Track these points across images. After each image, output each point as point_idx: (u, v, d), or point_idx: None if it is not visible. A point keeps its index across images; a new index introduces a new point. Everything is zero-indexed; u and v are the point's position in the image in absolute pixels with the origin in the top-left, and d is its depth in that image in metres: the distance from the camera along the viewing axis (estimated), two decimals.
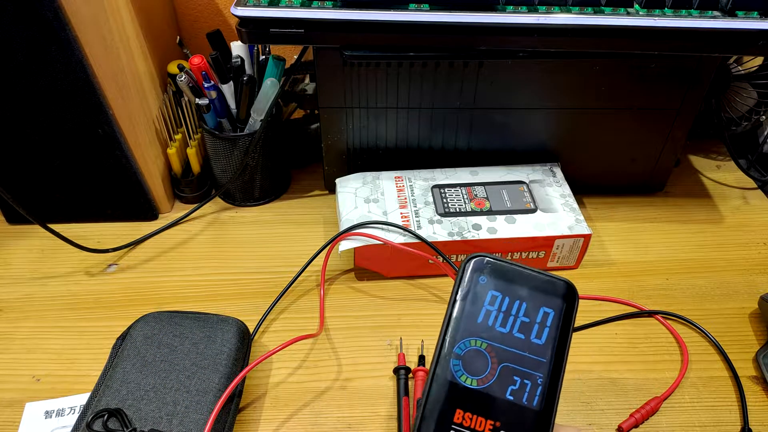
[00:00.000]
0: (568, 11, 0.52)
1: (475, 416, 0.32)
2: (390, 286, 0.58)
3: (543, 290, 0.34)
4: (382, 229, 0.56)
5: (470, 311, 0.34)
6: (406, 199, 0.59)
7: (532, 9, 0.52)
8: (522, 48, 0.54)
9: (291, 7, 0.51)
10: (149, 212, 0.64)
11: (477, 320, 0.33)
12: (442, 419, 0.32)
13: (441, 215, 0.57)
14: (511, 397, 0.32)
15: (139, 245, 0.62)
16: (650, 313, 0.55)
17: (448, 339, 0.33)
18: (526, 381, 0.33)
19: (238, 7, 0.51)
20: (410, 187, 0.60)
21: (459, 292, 0.34)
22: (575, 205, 0.59)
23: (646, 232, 0.64)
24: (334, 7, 0.51)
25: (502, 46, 0.53)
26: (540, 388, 0.33)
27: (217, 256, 0.61)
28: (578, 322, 0.54)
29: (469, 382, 0.33)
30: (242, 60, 0.60)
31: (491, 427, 0.32)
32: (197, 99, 0.59)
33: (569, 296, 0.34)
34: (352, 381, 0.50)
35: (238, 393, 0.46)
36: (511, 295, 0.34)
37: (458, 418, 0.32)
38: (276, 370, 0.51)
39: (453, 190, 0.60)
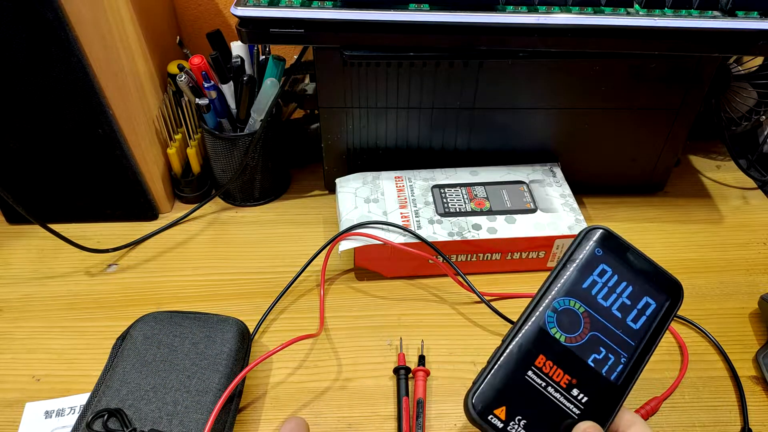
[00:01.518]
0: (568, 11, 0.52)
1: (555, 366, 0.34)
2: (390, 286, 0.58)
3: (652, 281, 0.36)
4: (382, 229, 0.56)
5: (578, 275, 0.35)
6: (406, 199, 0.59)
7: (532, 9, 0.52)
8: (522, 48, 0.54)
9: (291, 7, 0.51)
10: (149, 212, 0.64)
11: (582, 285, 0.35)
12: (525, 358, 0.34)
13: (441, 215, 0.57)
14: (592, 364, 0.34)
15: (139, 245, 0.62)
16: None
17: (550, 292, 0.35)
18: (610, 355, 0.34)
19: (238, 7, 0.51)
20: (410, 187, 0.60)
21: (573, 254, 0.36)
22: (575, 205, 0.59)
23: (646, 232, 0.64)
24: (334, 7, 0.51)
25: (502, 46, 0.53)
26: (621, 366, 0.34)
27: (217, 256, 0.61)
28: None
29: (558, 336, 0.34)
30: (242, 60, 0.60)
31: (567, 382, 0.34)
32: (197, 99, 0.59)
33: (675, 295, 0.36)
34: (352, 381, 0.50)
35: (238, 393, 0.46)
36: (621, 274, 0.36)
37: (540, 362, 0.34)
38: (276, 370, 0.51)
39: (453, 190, 0.60)
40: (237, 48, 0.60)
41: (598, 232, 0.36)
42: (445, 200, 0.59)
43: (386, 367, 0.51)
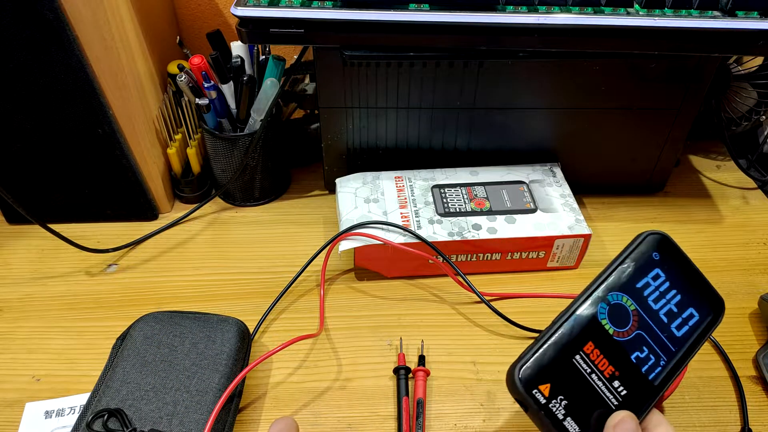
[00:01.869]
0: (568, 11, 0.52)
1: (602, 356, 0.34)
2: (390, 286, 0.58)
3: (699, 293, 0.38)
4: (382, 229, 0.56)
5: (634, 273, 0.36)
6: (406, 199, 0.59)
7: (532, 9, 0.52)
8: (522, 48, 0.54)
9: (291, 7, 0.51)
10: (149, 212, 0.64)
11: (636, 284, 0.36)
12: (576, 341, 0.34)
13: (441, 215, 0.57)
14: (635, 360, 0.35)
15: (139, 245, 0.62)
16: None
17: (605, 284, 0.36)
18: (651, 356, 0.36)
19: (238, 7, 0.51)
20: (410, 187, 0.60)
21: (632, 252, 0.37)
22: (575, 205, 0.59)
23: None
24: (334, 7, 0.51)
25: (502, 46, 0.53)
26: (659, 368, 0.36)
27: (217, 256, 0.61)
28: None
29: (607, 327, 0.35)
30: (242, 60, 0.60)
31: (610, 372, 0.34)
32: (197, 99, 0.59)
33: (717, 311, 0.38)
34: (352, 381, 0.50)
35: (238, 393, 0.46)
36: (672, 281, 0.37)
37: (588, 349, 0.34)
38: (276, 370, 0.51)
39: (453, 190, 0.60)
40: (237, 48, 0.60)
41: (659, 237, 0.38)
42: (445, 200, 0.59)
43: (386, 367, 0.51)
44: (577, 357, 0.34)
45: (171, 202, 0.66)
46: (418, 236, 0.55)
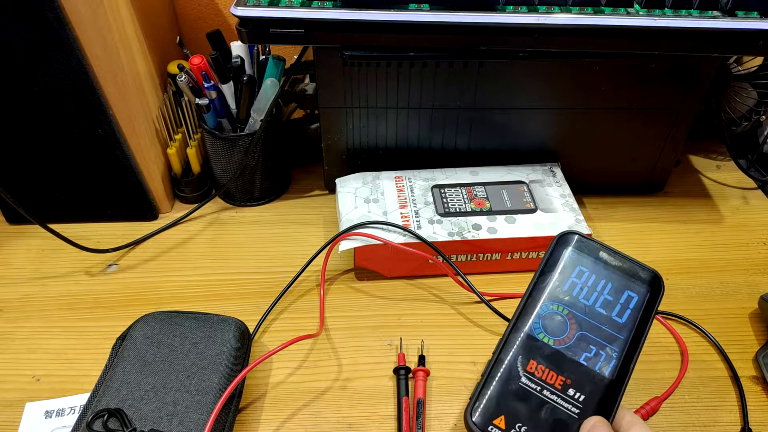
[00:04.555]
0: (568, 11, 0.52)
1: (547, 369, 0.34)
2: (390, 286, 0.58)
3: (629, 275, 0.37)
4: (382, 229, 0.56)
5: (556, 280, 0.37)
6: (406, 199, 0.59)
7: (532, 9, 0.52)
8: (522, 48, 0.54)
9: (291, 7, 0.51)
10: (149, 212, 0.64)
11: (562, 288, 0.37)
12: (516, 365, 0.34)
13: (441, 215, 0.57)
14: (584, 362, 0.35)
15: (139, 245, 0.62)
16: None
17: (531, 299, 0.36)
18: (601, 351, 0.35)
19: (238, 7, 0.51)
20: (410, 187, 0.60)
21: (548, 261, 0.37)
22: (575, 205, 0.59)
23: (646, 232, 0.64)
24: (334, 7, 0.51)
25: (502, 46, 0.53)
26: (614, 360, 0.35)
27: (217, 256, 0.61)
28: None
29: (546, 340, 0.35)
30: (242, 60, 0.60)
31: (561, 382, 0.34)
32: (197, 99, 0.59)
33: (654, 285, 0.37)
34: (352, 381, 0.50)
35: (238, 393, 0.46)
36: (598, 273, 0.37)
37: (531, 368, 0.34)
38: (276, 370, 0.51)
39: (453, 190, 0.60)
40: (237, 48, 0.60)
41: (569, 237, 0.38)
42: (445, 200, 0.59)
43: (386, 367, 0.51)
44: (523, 379, 0.34)
45: (171, 202, 0.66)
46: (418, 236, 0.55)
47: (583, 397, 0.34)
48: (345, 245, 0.55)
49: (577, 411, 0.33)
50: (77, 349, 0.52)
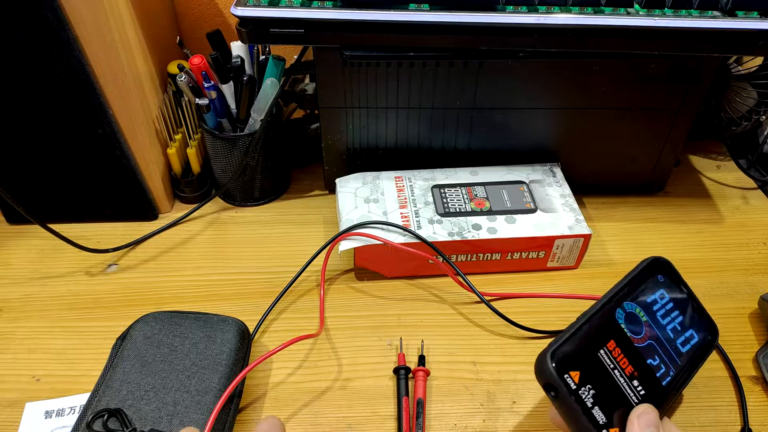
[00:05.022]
0: (568, 11, 0.52)
1: (623, 354, 0.36)
2: (390, 286, 0.58)
3: (698, 317, 0.42)
4: (382, 229, 0.56)
5: (644, 290, 0.40)
6: (406, 199, 0.59)
7: (532, 9, 0.52)
8: (522, 48, 0.54)
9: (291, 7, 0.51)
10: (149, 212, 0.64)
11: (646, 299, 0.39)
12: (600, 336, 0.36)
13: (441, 215, 0.57)
14: (651, 365, 0.38)
15: (139, 245, 0.62)
16: None
17: (620, 294, 0.38)
18: (662, 365, 0.38)
19: (238, 7, 0.51)
20: (410, 187, 0.60)
21: (640, 273, 0.40)
22: (575, 205, 0.59)
23: (646, 232, 0.64)
24: (334, 7, 0.51)
25: (502, 46, 0.53)
26: (670, 377, 0.38)
27: (217, 256, 0.61)
28: None
29: (626, 331, 0.37)
30: (242, 60, 0.60)
31: (630, 372, 0.36)
32: (197, 99, 0.59)
33: (713, 335, 0.42)
34: (352, 381, 0.50)
35: (238, 393, 0.46)
36: (675, 303, 0.41)
37: (611, 346, 0.36)
38: (276, 370, 0.51)
39: (453, 190, 0.60)
40: (237, 48, 0.60)
41: (663, 262, 0.42)
42: (445, 200, 0.59)
43: (386, 367, 0.51)
44: (602, 352, 0.36)
45: (171, 202, 0.66)
46: (418, 236, 0.55)
47: (644, 392, 0.36)
48: (345, 245, 0.55)
49: (636, 401, 0.36)
50: (77, 349, 0.52)
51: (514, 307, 0.55)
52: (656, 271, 0.41)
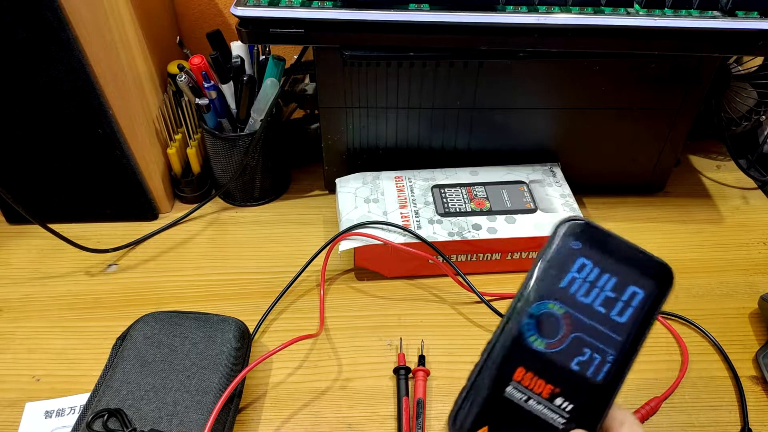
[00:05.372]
0: (568, 11, 0.52)
1: (536, 378, 0.32)
2: (390, 286, 0.58)
3: (638, 267, 0.33)
4: (382, 229, 0.56)
5: (555, 274, 0.33)
6: (406, 199, 0.59)
7: (532, 9, 0.52)
8: (522, 48, 0.54)
9: (291, 7, 0.51)
10: (149, 212, 0.64)
11: (560, 284, 0.33)
12: (502, 373, 0.32)
13: (441, 215, 0.57)
14: (577, 368, 0.32)
15: (139, 245, 0.62)
16: None
17: (525, 297, 0.33)
18: (595, 355, 0.32)
19: (238, 7, 0.51)
20: (410, 187, 0.60)
21: (547, 253, 0.33)
22: (575, 205, 0.59)
23: (646, 232, 0.64)
24: (334, 7, 0.51)
25: (502, 46, 0.53)
26: (608, 365, 0.32)
27: (217, 256, 0.61)
28: None
29: (537, 343, 0.32)
30: (242, 60, 0.60)
31: (549, 391, 0.32)
32: (197, 99, 0.59)
33: (664, 280, 0.33)
34: (352, 381, 0.50)
35: (238, 393, 0.46)
36: (602, 266, 0.33)
37: (518, 376, 0.32)
38: (276, 370, 0.51)
39: (453, 190, 0.60)
40: (237, 48, 0.60)
41: (568, 224, 0.33)
42: (445, 200, 0.59)
43: (386, 367, 0.51)
44: (509, 389, 0.32)
45: (171, 202, 0.66)
46: (418, 236, 0.55)
47: (571, 406, 0.32)
48: (345, 245, 0.55)
49: (563, 422, 0.32)
50: (77, 349, 0.52)
51: None
52: (567, 239, 0.33)
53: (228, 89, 0.61)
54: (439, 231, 0.56)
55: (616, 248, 0.33)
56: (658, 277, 0.34)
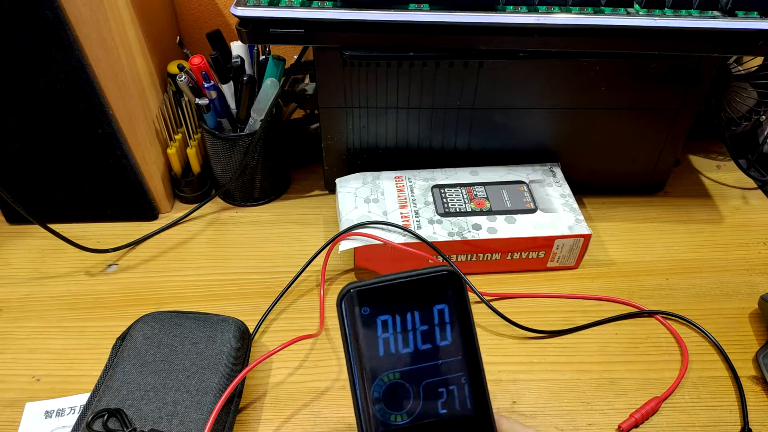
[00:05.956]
0: (568, 11, 0.52)
1: None
2: None
3: (427, 290, 0.31)
4: (382, 229, 0.56)
5: (368, 349, 0.31)
6: (406, 199, 0.59)
7: (532, 9, 0.52)
8: (522, 48, 0.54)
9: (291, 7, 0.51)
10: (149, 212, 0.64)
11: (379, 354, 0.31)
12: None
13: (441, 215, 0.57)
14: (444, 410, 0.31)
15: (139, 245, 0.62)
16: (650, 313, 0.55)
17: (360, 386, 0.31)
18: (451, 387, 0.31)
19: (238, 7, 0.51)
20: (410, 187, 0.60)
21: (348, 336, 0.31)
22: (575, 205, 0.59)
23: (646, 232, 0.64)
24: (334, 7, 0.51)
25: (502, 46, 0.53)
26: (467, 387, 0.31)
27: (217, 256, 0.61)
28: (579, 322, 0.54)
29: (400, 419, 0.31)
30: (242, 60, 0.60)
31: None
32: (197, 99, 0.59)
33: (453, 282, 0.31)
34: None
35: (238, 393, 0.46)
36: (400, 310, 0.31)
37: None
38: (276, 370, 0.51)
39: (453, 190, 0.60)
40: (237, 48, 0.60)
41: (345, 299, 0.30)
42: (445, 200, 0.59)
43: None
44: None
45: (171, 202, 0.66)
46: (418, 236, 0.55)
47: None
48: (345, 245, 0.55)
49: None
50: (77, 349, 0.52)
51: (514, 307, 0.55)
52: (353, 309, 0.30)
53: (228, 89, 0.61)
54: (439, 231, 0.56)
55: (394, 288, 0.31)
56: (446, 284, 0.31)
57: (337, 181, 0.62)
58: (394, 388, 0.31)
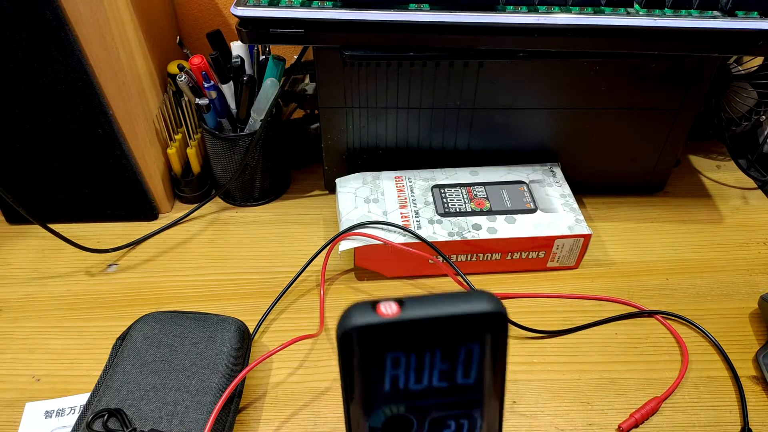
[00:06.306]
0: (568, 11, 0.52)
1: None
2: (390, 286, 0.58)
3: (457, 328, 0.26)
4: (382, 229, 0.56)
5: (371, 383, 0.27)
6: (406, 199, 0.59)
7: (532, 9, 0.52)
8: (522, 48, 0.54)
9: (291, 7, 0.51)
10: (149, 212, 0.64)
11: (384, 389, 0.27)
12: None
13: (441, 215, 0.57)
14: None
15: (139, 245, 0.62)
16: (650, 313, 0.55)
17: (355, 415, 0.27)
18: (462, 421, 0.28)
19: (238, 7, 0.51)
20: (410, 187, 0.60)
21: (347, 373, 0.27)
22: (575, 205, 0.59)
23: (646, 232, 0.64)
24: (334, 7, 0.51)
25: (502, 46, 0.53)
26: (479, 421, 0.28)
27: (217, 256, 0.61)
28: (579, 322, 0.54)
29: None
30: (242, 60, 0.60)
31: None
32: (197, 99, 0.59)
33: (495, 324, 0.26)
34: None
35: (238, 393, 0.46)
36: (417, 350, 0.26)
37: None
38: (276, 370, 0.51)
39: (453, 190, 0.60)
40: (237, 48, 0.60)
41: (352, 330, 0.27)
42: (445, 200, 0.59)
43: None
44: None
45: (171, 202, 0.66)
46: (418, 236, 0.55)
47: None
48: (345, 245, 0.55)
49: None
50: (77, 349, 0.52)
51: (514, 307, 0.55)
52: (364, 348, 0.26)
53: (228, 89, 0.61)
54: (439, 231, 0.56)
55: (421, 324, 0.25)
56: (484, 323, 0.26)
57: (337, 181, 0.62)
58: (396, 420, 0.28)
